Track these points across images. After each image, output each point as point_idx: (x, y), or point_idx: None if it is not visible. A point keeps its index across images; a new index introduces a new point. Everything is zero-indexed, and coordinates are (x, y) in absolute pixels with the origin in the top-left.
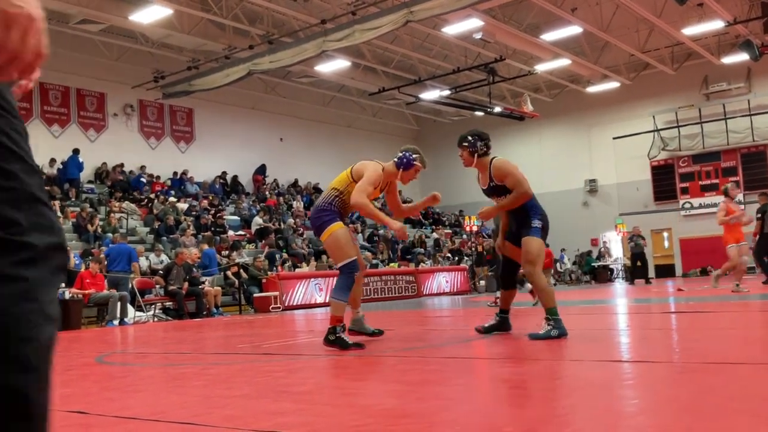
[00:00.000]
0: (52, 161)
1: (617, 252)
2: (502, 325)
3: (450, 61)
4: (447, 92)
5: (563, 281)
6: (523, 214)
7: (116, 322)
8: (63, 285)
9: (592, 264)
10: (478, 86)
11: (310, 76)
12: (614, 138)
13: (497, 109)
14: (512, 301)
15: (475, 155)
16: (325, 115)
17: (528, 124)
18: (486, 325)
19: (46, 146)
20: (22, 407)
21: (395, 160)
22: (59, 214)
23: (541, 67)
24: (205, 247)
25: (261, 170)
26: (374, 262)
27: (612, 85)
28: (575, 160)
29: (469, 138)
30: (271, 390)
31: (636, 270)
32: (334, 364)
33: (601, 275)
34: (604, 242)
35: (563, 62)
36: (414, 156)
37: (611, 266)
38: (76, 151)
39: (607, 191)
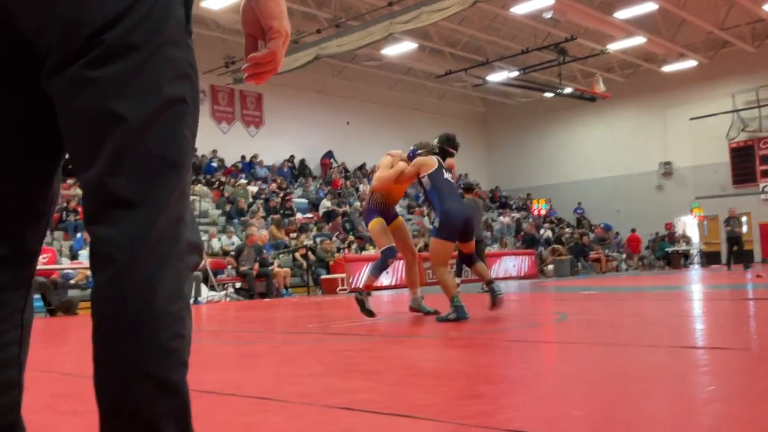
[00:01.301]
0: None
1: (693, 236)
2: (493, 292)
3: (519, 41)
4: (515, 73)
5: (635, 267)
6: (435, 212)
7: (190, 302)
8: None
9: (666, 249)
10: (547, 67)
11: (376, 59)
12: (691, 119)
13: (567, 90)
14: (486, 270)
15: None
16: (391, 98)
17: (600, 105)
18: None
19: None
20: (181, 400)
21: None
22: None
23: (614, 46)
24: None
25: (329, 154)
26: None
27: (689, 63)
28: (649, 142)
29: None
30: (341, 368)
31: (732, 254)
32: (402, 344)
33: (675, 260)
34: (673, 230)
35: (637, 41)
36: (419, 151)
37: (685, 251)
38: None
39: (683, 174)
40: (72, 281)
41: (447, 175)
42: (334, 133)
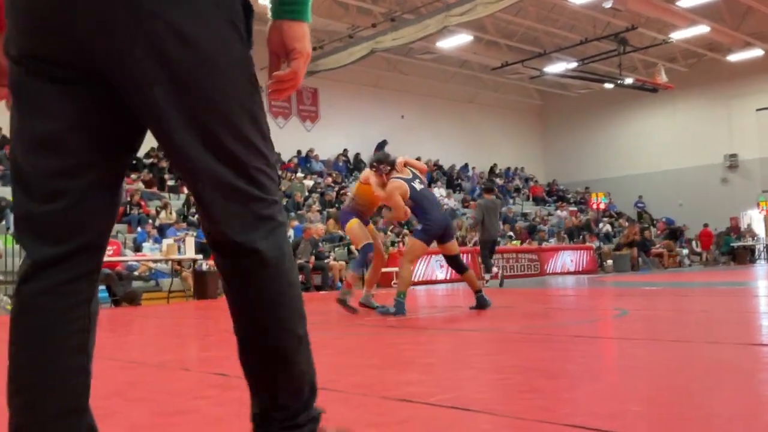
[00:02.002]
0: None
1: (759, 231)
2: (481, 303)
3: (577, 31)
4: (574, 64)
5: (704, 262)
6: (417, 220)
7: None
8: (201, 257)
9: (731, 244)
10: (607, 57)
11: (431, 53)
12: (758, 110)
13: (628, 81)
14: (475, 281)
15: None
16: (446, 91)
17: (662, 96)
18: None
19: None
20: (306, 346)
21: None
22: None
23: (676, 35)
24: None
25: (380, 147)
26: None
27: (755, 52)
28: (713, 134)
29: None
30: (397, 361)
31: None
32: (458, 338)
33: (741, 256)
34: (739, 224)
35: (701, 29)
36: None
37: (750, 246)
38: None
39: (749, 167)
40: (135, 273)
41: (418, 185)
42: (389, 126)
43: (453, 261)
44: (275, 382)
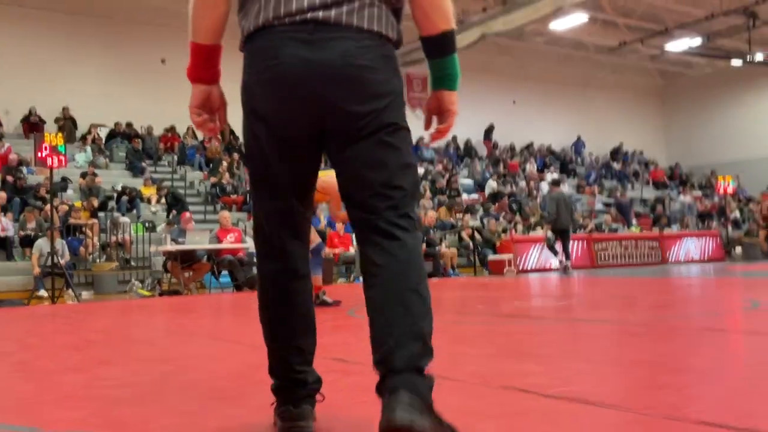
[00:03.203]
0: None
1: None
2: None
3: (702, 6)
4: (698, 41)
5: None
6: None
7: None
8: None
9: None
10: (735, 33)
11: (543, 35)
12: None
13: (759, 57)
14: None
15: None
16: (559, 74)
17: None
18: None
19: None
20: (423, 301)
21: None
22: None
23: None
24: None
25: (487, 132)
26: (614, 226)
27: None
28: None
29: None
30: (513, 350)
31: None
32: (576, 329)
33: None
34: None
35: None
36: None
37: None
38: None
39: None
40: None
41: None
42: (499, 112)
43: None
44: (395, 322)
